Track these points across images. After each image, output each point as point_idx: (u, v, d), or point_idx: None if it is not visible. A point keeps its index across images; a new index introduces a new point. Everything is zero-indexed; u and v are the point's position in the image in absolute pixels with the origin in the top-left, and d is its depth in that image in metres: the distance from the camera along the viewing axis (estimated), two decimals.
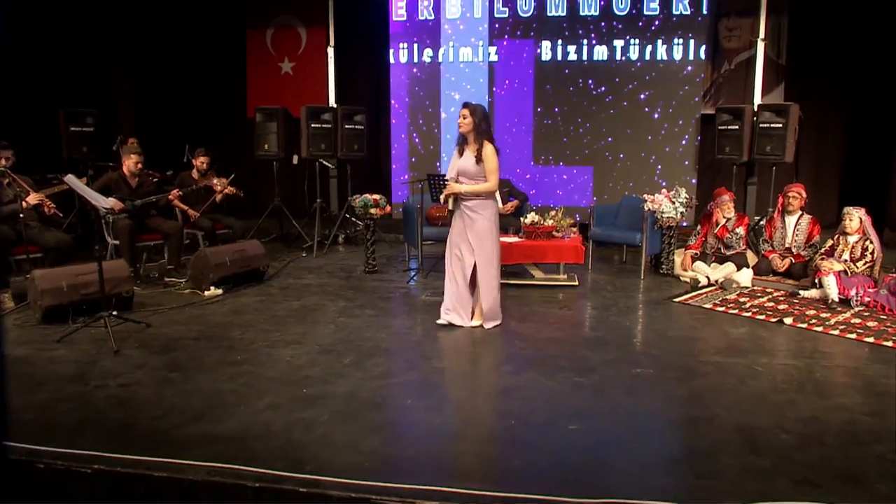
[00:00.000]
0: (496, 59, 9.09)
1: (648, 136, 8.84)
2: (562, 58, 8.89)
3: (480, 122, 4.76)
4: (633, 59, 8.73)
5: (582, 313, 5.65)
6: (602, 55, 8.78)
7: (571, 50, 8.85)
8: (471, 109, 4.77)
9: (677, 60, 8.64)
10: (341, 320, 5.26)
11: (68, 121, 8.25)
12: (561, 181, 9.14)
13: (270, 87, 10.13)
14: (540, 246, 6.31)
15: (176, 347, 4.64)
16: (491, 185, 4.81)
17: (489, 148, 4.76)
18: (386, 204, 6.91)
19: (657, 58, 8.66)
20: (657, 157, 8.84)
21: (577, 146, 9.04)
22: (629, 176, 8.95)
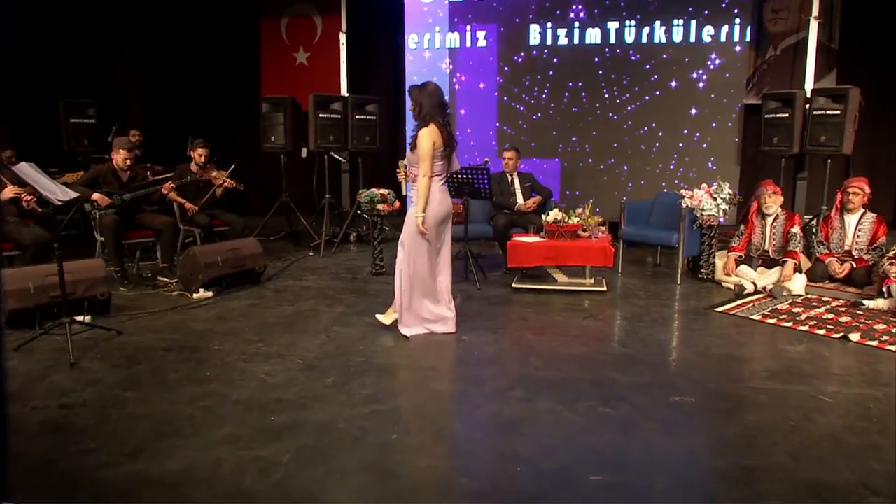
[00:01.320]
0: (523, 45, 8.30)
1: (684, 129, 7.96)
2: (588, 41, 8.07)
3: (420, 105, 4.18)
4: (669, 42, 7.87)
5: (610, 325, 4.85)
6: (633, 37, 7.94)
7: (595, 33, 8.03)
8: (413, 93, 4.25)
9: (718, 44, 7.75)
10: (334, 330, 4.55)
11: (69, 112, 7.71)
12: (588, 175, 8.32)
13: (285, 78, 9.51)
14: (563, 247, 5.52)
15: (141, 360, 3.98)
16: (421, 181, 4.17)
17: (423, 132, 4.15)
18: (395, 199, 6.19)
19: (696, 41, 7.78)
20: (695, 149, 7.96)
21: (606, 137, 8.20)
22: (664, 170, 8.08)
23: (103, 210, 5.75)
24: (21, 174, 3.78)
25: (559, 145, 8.34)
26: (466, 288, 5.71)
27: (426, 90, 4.22)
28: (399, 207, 6.28)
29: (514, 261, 5.58)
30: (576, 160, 8.33)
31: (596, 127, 8.21)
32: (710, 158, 7.91)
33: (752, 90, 8.16)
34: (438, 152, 4.19)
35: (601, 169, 8.26)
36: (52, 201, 3.86)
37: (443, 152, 4.22)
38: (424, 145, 4.13)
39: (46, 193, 3.82)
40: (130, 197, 5.90)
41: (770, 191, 5.71)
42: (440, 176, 4.29)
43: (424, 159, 4.13)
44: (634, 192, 7.99)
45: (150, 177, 6.73)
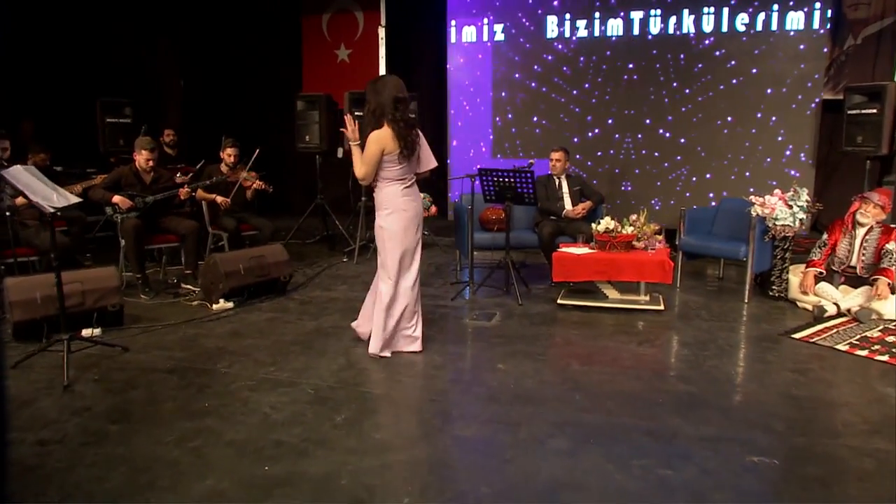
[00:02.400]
0: (567, 36, 7.62)
1: (752, 128, 7.15)
2: (644, 30, 7.33)
3: (371, 103, 3.71)
4: (736, 31, 7.07)
5: (668, 352, 4.17)
6: (695, 25, 7.16)
7: (653, 21, 7.28)
8: (369, 87, 3.76)
9: (792, 32, 6.91)
10: (355, 352, 4.02)
11: (105, 111, 7.43)
12: (643, 178, 7.58)
13: (326, 76, 9.08)
14: (616, 260, 4.86)
15: (139, 383, 3.54)
16: (356, 168, 3.77)
17: (374, 134, 3.69)
18: (430, 204, 5.63)
19: (767, 29, 6.96)
20: (764, 149, 7.13)
21: (662, 136, 7.44)
22: (728, 173, 7.28)
23: (125, 213, 5.38)
24: (10, 179, 3.38)
25: (609, 146, 7.62)
26: (506, 303, 5.11)
27: (377, 85, 3.73)
28: (435, 213, 5.72)
29: (561, 274, 4.95)
30: (627, 161, 7.59)
31: (651, 124, 7.46)
32: (782, 160, 7.06)
33: (828, 84, 7.29)
34: (392, 157, 3.71)
35: (657, 172, 7.50)
36: (43, 209, 3.45)
37: (400, 154, 3.72)
38: (369, 149, 3.68)
39: (36, 200, 3.41)
40: (153, 200, 5.52)
41: (880, 200, 4.84)
42: (402, 180, 3.80)
43: (365, 164, 3.70)
44: (695, 197, 7.24)
45: (179, 178, 6.37)
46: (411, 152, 3.77)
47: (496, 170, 5.32)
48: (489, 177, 5.32)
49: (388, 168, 3.75)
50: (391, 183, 3.79)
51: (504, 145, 7.98)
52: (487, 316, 4.77)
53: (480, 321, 4.66)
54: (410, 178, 3.86)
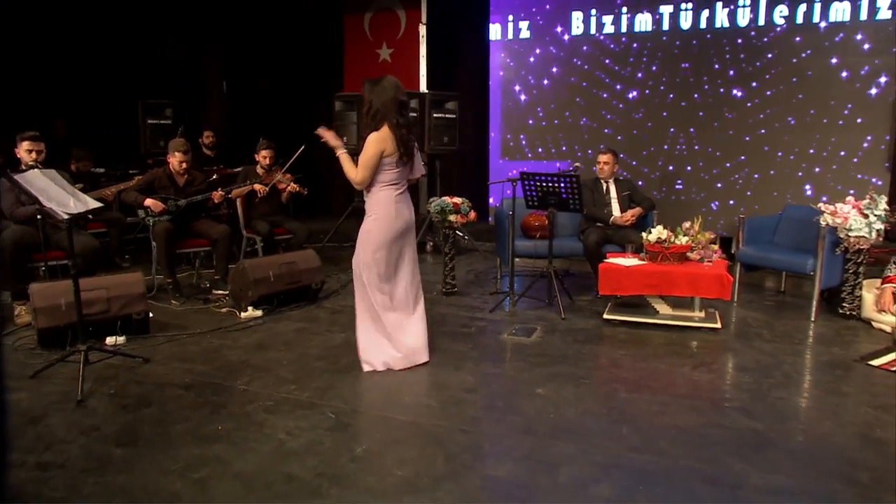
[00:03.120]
0: (612, 30, 7.16)
1: (819, 129, 6.56)
2: (697, 23, 6.81)
3: (371, 104, 3.52)
4: (799, 21, 6.49)
5: (727, 379, 3.73)
6: (755, 16, 6.61)
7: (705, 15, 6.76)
8: (367, 86, 3.57)
9: (863, 22, 6.30)
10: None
11: (146, 112, 7.36)
12: (695, 182, 7.06)
13: (367, 75, 8.73)
14: (668, 273, 4.43)
15: (153, 400, 3.31)
16: (354, 175, 3.56)
17: (373, 135, 3.50)
18: (469, 210, 5.28)
19: (836, 19, 6.36)
20: (832, 151, 6.54)
21: (719, 137, 6.90)
22: (791, 177, 6.71)
23: (157, 217, 5.22)
24: (24, 184, 3.20)
25: (660, 145, 7.12)
26: (548, 317, 4.73)
27: (378, 86, 3.52)
28: (474, 219, 5.38)
29: (608, 287, 4.55)
30: (680, 163, 7.08)
31: (706, 124, 6.93)
32: (852, 163, 6.46)
33: None
34: (391, 160, 3.52)
35: (712, 175, 6.97)
36: (57, 215, 3.25)
37: (398, 160, 3.53)
38: (368, 151, 3.48)
39: (50, 206, 3.21)
40: (185, 203, 5.34)
41: None
42: (395, 185, 3.60)
43: (364, 167, 3.49)
44: (753, 203, 6.69)
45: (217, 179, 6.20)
46: (409, 157, 3.60)
47: (539, 174, 4.95)
48: (532, 181, 4.95)
49: (385, 171, 3.55)
50: (385, 187, 3.58)
51: (548, 146, 7.57)
52: (527, 331, 4.41)
53: (519, 336, 4.31)
54: (403, 185, 3.67)
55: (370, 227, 3.63)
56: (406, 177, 3.69)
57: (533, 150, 7.61)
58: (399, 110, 3.51)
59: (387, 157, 3.51)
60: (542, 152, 7.59)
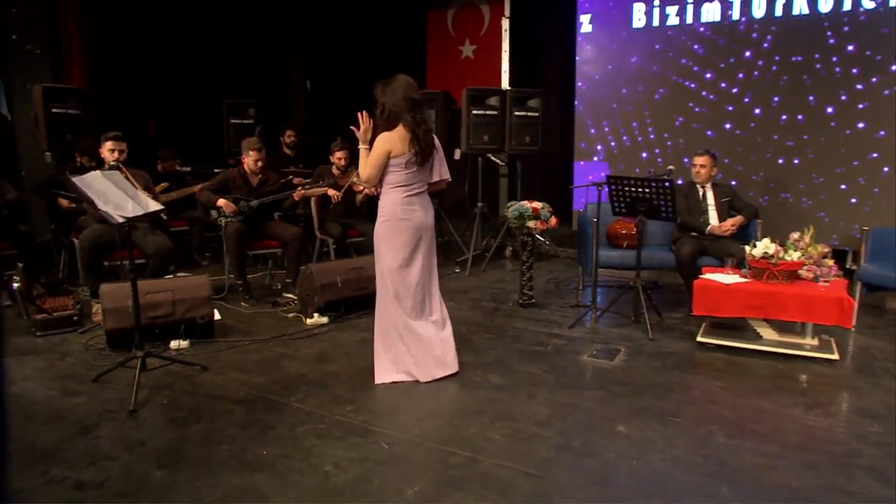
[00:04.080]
0: (713, 17, 6.45)
1: None
2: (815, 8, 6.01)
3: (384, 105, 3.40)
4: None
5: (850, 426, 3.11)
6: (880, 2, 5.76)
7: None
8: (380, 87, 3.45)
9: None
10: (448, 392, 3.37)
11: (230, 112, 7.34)
12: (812, 187, 6.26)
13: (450, 73, 8.51)
14: (776, 293, 3.83)
15: (203, 415, 3.11)
16: (361, 170, 3.48)
17: (385, 134, 3.39)
18: (550, 215, 4.85)
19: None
20: None
21: (832, 138, 6.06)
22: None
23: (229, 217, 5.10)
24: (81, 186, 3.07)
25: (764, 143, 6.37)
26: (634, 336, 4.24)
27: (391, 85, 3.40)
28: (555, 226, 4.94)
29: (703, 306, 4.00)
30: (786, 167, 6.30)
31: (818, 123, 6.11)
32: None
33: None
34: (399, 161, 3.36)
35: (822, 182, 6.14)
36: (111, 219, 3.11)
37: (409, 161, 3.37)
38: (376, 150, 3.37)
39: (105, 209, 3.07)
40: (257, 204, 5.20)
41: None
42: (405, 188, 3.43)
43: (370, 165, 3.37)
44: (875, 215, 5.84)
45: (296, 180, 6.05)
46: (424, 159, 3.41)
47: (628, 177, 4.45)
48: (619, 185, 4.46)
49: (393, 172, 3.41)
50: (393, 189, 3.43)
51: (638, 147, 6.98)
52: (610, 353, 3.94)
53: (601, 359, 3.84)
54: (418, 187, 3.47)
55: (377, 230, 3.51)
56: (423, 180, 3.50)
57: (621, 151, 7.04)
58: (413, 109, 3.37)
59: (395, 158, 3.36)
60: (630, 154, 7.01)
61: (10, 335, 4.32)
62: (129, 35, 7.52)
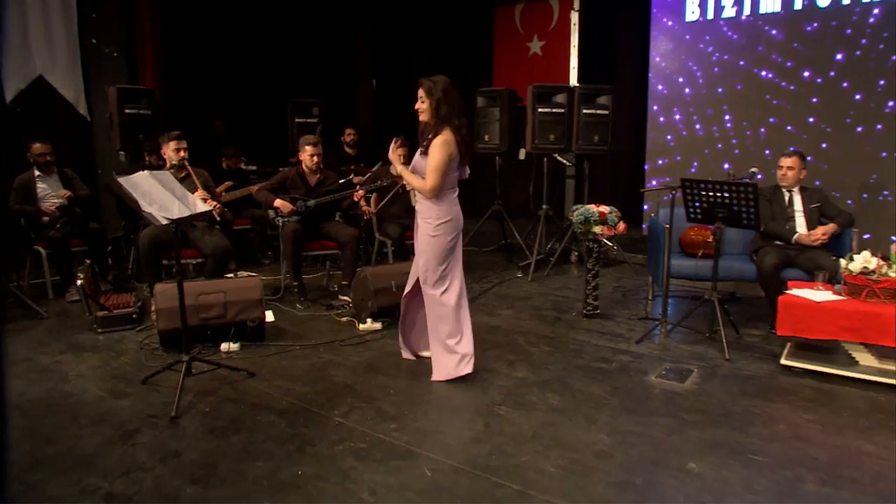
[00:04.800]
0: (800, 4, 5.86)
1: None
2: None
3: (440, 103, 3.28)
4: None
5: None
6: None
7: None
8: (427, 87, 3.31)
9: None
10: (500, 412, 3.09)
11: (294, 111, 7.30)
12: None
13: (517, 70, 8.22)
14: (877, 315, 3.34)
15: (243, 426, 2.96)
16: (424, 184, 3.35)
17: (440, 138, 3.29)
18: (618, 221, 4.48)
19: None
20: None
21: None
22: None
23: (286, 218, 4.99)
24: (127, 187, 2.98)
25: (862, 141, 5.74)
26: (708, 355, 3.83)
27: (440, 85, 3.29)
28: (624, 231, 4.56)
29: (789, 326, 3.55)
30: (890, 161, 5.65)
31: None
32: None
33: None
34: (455, 163, 3.37)
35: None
36: (154, 220, 3.00)
37: (459, 161, 3.40)
38: (439, 156, 3.27)
39: (149, 210, 2.96)
40: (315, 204, 5.07)
41: None
42: (455, 189, 3.46)
43: (434, 172, 3.28)
44: None
45: (356, 178, 5.91)
46: (466, 160, 3.46)
47: (705, 181, 4.03)
48: (695, 189, 4.05)
49: (450, 176, 3.39)
50: (449, 191, 3.40)
51: (716, 147, 6.46)
52: (681, 374, 3.55)
53: (671, 381, 3.47)
54: (456, 186, 3.50)
55: (434, 233, 3.39)
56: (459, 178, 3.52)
57: (696, 150, 6.54)
58: (460, 111, 3.36)
59: (453, 161, 3.34)
60: (705, 153, 6.50)
61: (74, 331, 4.35)
62: (198, 36, 7.60)
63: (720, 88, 6.35)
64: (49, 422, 3.03)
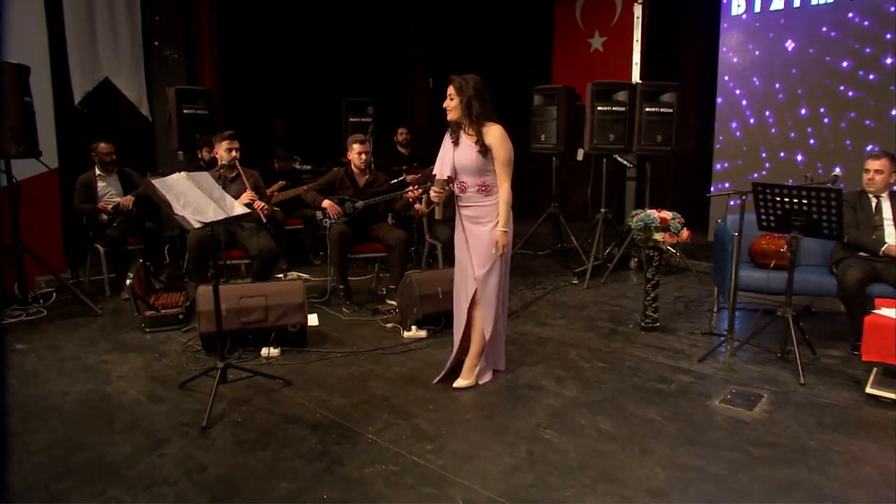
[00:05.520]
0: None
1: None
2: None
3: (471, 100, 3.15)
4: None
5: None
6: None
7: None
8: (458, 85, 3.18)
9: None
10: (546, 436, 2.82)
11: (349, 111, 7.19)
12: None
13: (577, 67, 7.86)
14: None
15: (273, 440, 2.81)
16: (507, 190, 3.22)
17: (496, 130, 3.17)
18: (681, 228, 4.12)
19: None
20: None
21: None
22: None
23: (333, 219, 4.86)
24: (161, 189, 2.87)
25: None
26: (781, 378, 3.44)
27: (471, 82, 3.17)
28: (688, 238, 4.20)
29: (876, 350, 3.14)
30: None
31: None
32: None
33: None
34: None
35: None
36: (186, 224, 2.88)
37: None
38: (507, 150, 3.17)
39: (182, 213, 2.84)
40: (363, 205, 4.92)
41: None
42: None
43: (508, 167, 3.18)
44: None
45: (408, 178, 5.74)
46: None
47: (780, 185, 3.63)
48: (769, 194, 3.65)
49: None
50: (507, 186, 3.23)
51: (791, 149, 5.95)
52: (748, 399, 3.19)
53: (737, 407, 3.11)
54: None
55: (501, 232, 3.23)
56: None
57: (770, 151, 6.04)
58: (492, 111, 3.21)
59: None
60: (783, 155, 5.99)
61: (123, 329, 4.35)
62: (256, 37, 7.60)
63: (795, 82, 5.83)
64: (85, 425, 2.97)
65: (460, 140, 3.26)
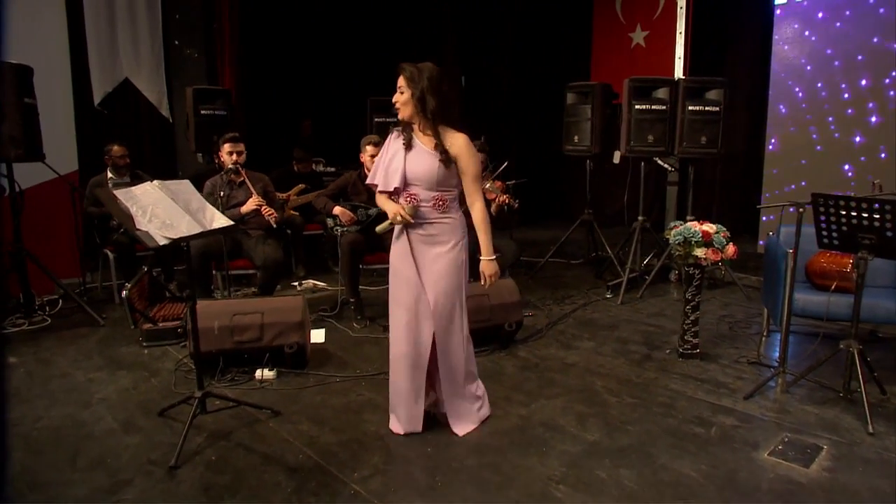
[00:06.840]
0: None
1: None
2: None
3: (425, 94, 2.55)
4: None
5: None
6: None
7: None
8: (409, 74, 2.57)
9: None
10: (558, 493, 2.37)
11: (374, 110, 6.82)
12: None
13: (618, 63, 7.30)
14: None
15: (242, 487, 2.43)
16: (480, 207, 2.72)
17: (461, 139, 2.63)
18: (727, 243, 3.59)
19: None
20: None
21: None
22: None
23: (345, 227, 4.49)
24: (124, 200, 2.51)
25: None
26: (844, 424, 2.90)
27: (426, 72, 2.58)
28: (734, 255, 3.66)
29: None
30: None
31: None
32: None
33: None
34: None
35: None
36: (147, 241, 2.51)
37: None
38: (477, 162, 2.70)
39: (143, 230, 2.48)
40: (377, 212, 4.53)
41: None
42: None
43: (478, 181, 2.71)
44: None
45: None
46: None
47: (846, 197, 3.07)
48: (832, 207, 3.09)
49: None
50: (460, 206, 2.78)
51: (854, 151, 5.30)
52: (805, 452, 2.66)
53: (791, 462, 2.59)
54: None
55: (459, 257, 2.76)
56: None
57: (830, 156, 5.40)
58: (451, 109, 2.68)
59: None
60: (846, 162, 5.35)
61: (121, 343, 4.08)
62: (279, 35, 7.32)
63: (863, 80, 5.18)
64: (48, 459, 2.67)
65: (413, 143, 2.67)
